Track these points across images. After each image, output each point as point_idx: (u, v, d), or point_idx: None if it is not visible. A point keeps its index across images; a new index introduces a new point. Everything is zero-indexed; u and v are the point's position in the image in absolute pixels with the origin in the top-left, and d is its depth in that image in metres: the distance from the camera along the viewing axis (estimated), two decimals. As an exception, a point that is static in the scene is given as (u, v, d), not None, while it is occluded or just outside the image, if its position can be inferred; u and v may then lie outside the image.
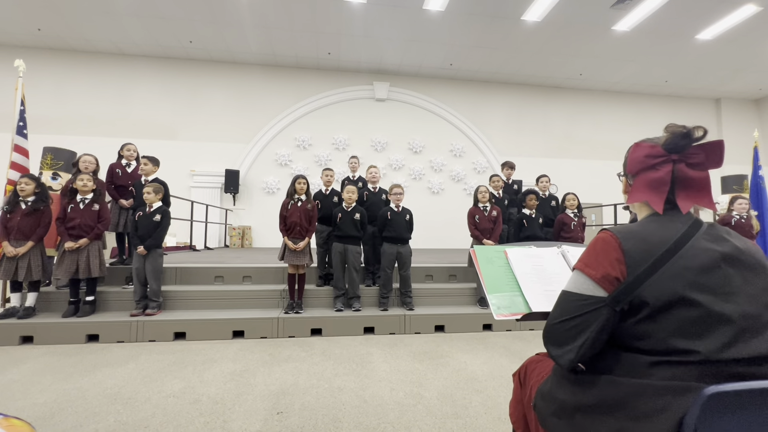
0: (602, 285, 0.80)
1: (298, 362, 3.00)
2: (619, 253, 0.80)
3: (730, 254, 0.78)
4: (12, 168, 4.27)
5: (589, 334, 0.79)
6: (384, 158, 10.67)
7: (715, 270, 0.75)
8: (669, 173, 0.86)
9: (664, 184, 0.87)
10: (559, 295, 0.88)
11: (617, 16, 7.93)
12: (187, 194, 9.48)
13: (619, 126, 11.97)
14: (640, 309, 0.76)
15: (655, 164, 0.88)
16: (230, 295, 4.10)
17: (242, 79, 10.32)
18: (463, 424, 2.07)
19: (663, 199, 0.86)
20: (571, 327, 0.81)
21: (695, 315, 0.72)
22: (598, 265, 0.81)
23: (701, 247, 0.78)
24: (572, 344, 0.80)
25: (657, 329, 0.74)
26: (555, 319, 0.85)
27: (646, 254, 0.78)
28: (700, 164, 0.85)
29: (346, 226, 4.09)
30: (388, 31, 8.67)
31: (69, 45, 9.40)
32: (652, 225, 0.84)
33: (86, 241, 3.67)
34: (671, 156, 0.87)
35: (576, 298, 0.82)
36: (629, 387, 0.74)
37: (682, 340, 0.72)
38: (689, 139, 0.85)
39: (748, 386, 0.64)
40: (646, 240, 0.80)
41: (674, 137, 0.86)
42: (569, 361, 0.81)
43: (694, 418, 0.64)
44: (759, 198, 5.82)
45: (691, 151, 0.85)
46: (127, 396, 2.35)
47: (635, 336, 0.77)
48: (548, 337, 0.86)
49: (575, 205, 4.66)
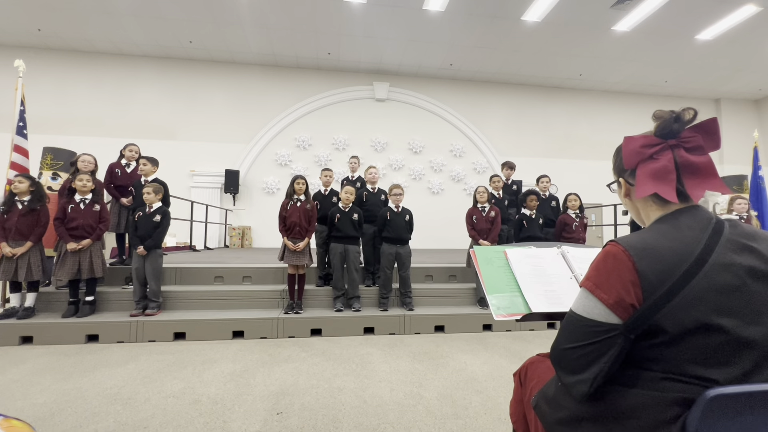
0: (615, 312, 0.72)
1: (297, 362, 3.00)
2: (633, 274, 0.71)
3: (755, 268, 0.70)
4: (12, 168, 4.27)
5: (603, 366, 0.73)
6: (384, 158, 10.67)
7: (739, 289, 0.69)
8: (671, 160, 0.80)
9: (669, 172, 0.80)
10: (567, 315, 0.81)
11: (617, 16, 7.93)
12: (187, 194, 9.48)
13: (619, 126, 11.98)
14: (657, 334, 0.70)
15: (653, 153, 0.83)
16: (230, 295, 4.10)
17: (242, 79, 10.32)
18: (463, 424, 2.06)
19: (673, 187, 0.79)
20: (583, 354, 0.75)
21: (717, 342, 0.67)
22: (610, 287, 0.73)
23: (724, 262, 0.70)
24: (585, 374, 0.74)
25: (673, 355, 0.69)
26: (565, 344, 0.79)
27: (663, 276, 0.70)
28: (698, 148, 0.81)
29: (345, 226, 4.09)
30: (388, 31, 8.67)
31: (69, 45, 9.40)
32: (667, 233, 0.75)
33: (89, 242, 3.67)
34: (668, 142, 0.82)
35: (587, 323, 0.75)
36: (639, 398, 0.71)
37: (700, 368, 0.67)
38: (681, 122, 0.81)
39: (750, 389, 0.64)
40: (662, 257, 0.71)
41: (665, 122, 0.82)
42: (582, 393, 0.75)
43: (696, 420, 0.64)
44: (759, 198, 5.82)
45: (686, 134, 0.81)
46: (126, 396, 2.35)
47: (648, 358, 0.72)
48: (559, 363, 0.80)
49: (577, 206, 4.65)
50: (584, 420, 0.79)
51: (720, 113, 12.29)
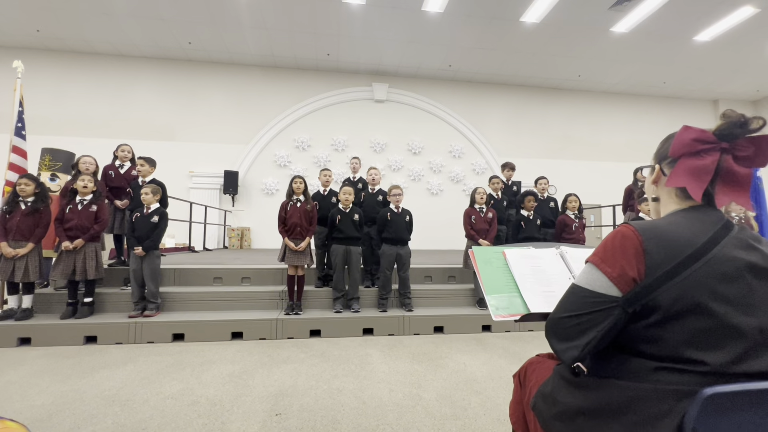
0: (617, 284, 0.75)
1: (296, 363, 2.99)
2: (639, 251, 0.75)
3: (757, 264, 0.73)
4: (10, 169, 4.26)
5: (597, 333, 0.76)
6: (383, 159, 10.67)
7: (738, 280, 0.72)
8: (715, 162, 0.79)
9: (707, 172, 0.80)
10: (569, 287, 0.84)
11: (616, 17, 7.95)
12: (185, 195, 9.47)
13: (618, 127, 12.01)
14: (652, 312, 0.73)
15: (702, 150, 0.81)
16: (229, 296, 4.10)
17: (241, 80, 10.32)
18: (462, 425, 2.06)
19: (703, 188, 0.80)
20: (578, 323, 0.78)
21: (708, 325, 0.70)
22: (614, 261, 0.77)
23: (728, 254, 0.73)
24: (577, 341, 0.77)
25: (667, 335, 0.72)
26: (562, 312, 0.81)
27: (668, 256, 0.73)
28: (746, 158, 0.79)
29: (347, 227, 4.09)
30: (387, 33, 8.68)
31: (68, 46, 9.39)
32: (680, 223, 0.78)
33: (81, 241, 3.63)
34: (721, 144, 0.80)
35: (587, 294, 0.78)
36: (632, 391, 0.72)
37: (692, 349, 0.70)
38: (745, 128, 0.79)
39: (746, 387, 0.64)
40: (670, 240, 0.75)
41: (730, 124, 0.79)
42: (572, 357, 0.78)
43: (693, 418, 0.64)
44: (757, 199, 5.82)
45: (742, 142, 0.79)
46: (125, 398, 2.34)
47: (643, 339, 0.74)
48: (552, 330, 0.82)
49: (576, 207, 4.66)
50: (580, 414, 0.80)
51: (718, 114, 12.26)
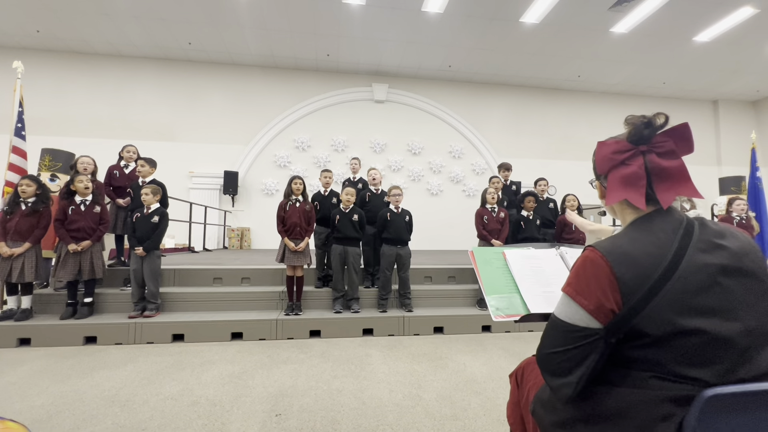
0: (596, 317, 0.74)
1: (296, 364, 2.99)
2: (612, 280, 0.73)
3: (726, 265, 0.73)
4: (10, 170, 4.26)
5: (586, 369, 0.75)
6: (383, 160, 10.67)
7: (713, 287, 0.71)
8: (642, 166, 0.82)
9: (639, 178, 0.82)
10: (550, 320, 0.83)
11: (615, 18, 7.95)
12: (185, 196, 9.46)
13: (617, 127, 11.97)
14: (639, 337, 0.72)
15: (625, 159, 0.84)
16: (229, 296, 4.09)
17: (241, 80, 10.31)
18: (462, 425, 2.06)
19: (642, 194, 0.81)
20: (566, 359, 0.77)
21: (698, 342, 0.68)
22: (589, 293, 0.75)
23: (697, 263, 0.72)
24: (569, 377, 0.76)
25: (658, 356, 0.71)
26: (549, 348, 0.80)
27: (640, 280, 0.72)
28: (670, 152, 0.81)
29: (345, 227, 4.09)
30: (387, 33, 8.68)
31: (68, 46, 9.38)
32: (642, 239, 0.77)
33: (89, 243, 3.67)
34: (639, 148, 0.83)
35: (570, 329, 0.77)
36: (631, 396, 0.72)
37: (687, 368, 0.68)
38: (652, 127, 0.81)
39: (746, 388, 0.64)
40: (638, 261, 0.73)
41: (636, 128, 0.82)
42: (566, 396, 0.77)
43: (693, 420, 0.64)
44: (757, 199, 5.84)
45: (658, 139, 0.82)
46: (124, 398, 2.34)
47: (634, 359, 0.73)
48: (543, 366, 0.82)
49: (575, 206, 4.66)
50: (578, 421, 0.79)
51: (718, 115, 12.33)
